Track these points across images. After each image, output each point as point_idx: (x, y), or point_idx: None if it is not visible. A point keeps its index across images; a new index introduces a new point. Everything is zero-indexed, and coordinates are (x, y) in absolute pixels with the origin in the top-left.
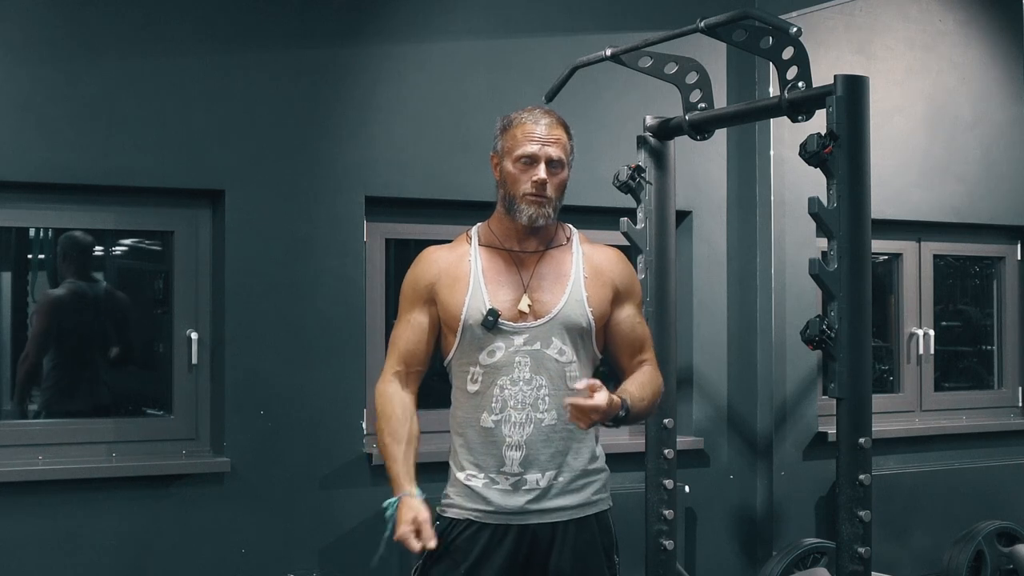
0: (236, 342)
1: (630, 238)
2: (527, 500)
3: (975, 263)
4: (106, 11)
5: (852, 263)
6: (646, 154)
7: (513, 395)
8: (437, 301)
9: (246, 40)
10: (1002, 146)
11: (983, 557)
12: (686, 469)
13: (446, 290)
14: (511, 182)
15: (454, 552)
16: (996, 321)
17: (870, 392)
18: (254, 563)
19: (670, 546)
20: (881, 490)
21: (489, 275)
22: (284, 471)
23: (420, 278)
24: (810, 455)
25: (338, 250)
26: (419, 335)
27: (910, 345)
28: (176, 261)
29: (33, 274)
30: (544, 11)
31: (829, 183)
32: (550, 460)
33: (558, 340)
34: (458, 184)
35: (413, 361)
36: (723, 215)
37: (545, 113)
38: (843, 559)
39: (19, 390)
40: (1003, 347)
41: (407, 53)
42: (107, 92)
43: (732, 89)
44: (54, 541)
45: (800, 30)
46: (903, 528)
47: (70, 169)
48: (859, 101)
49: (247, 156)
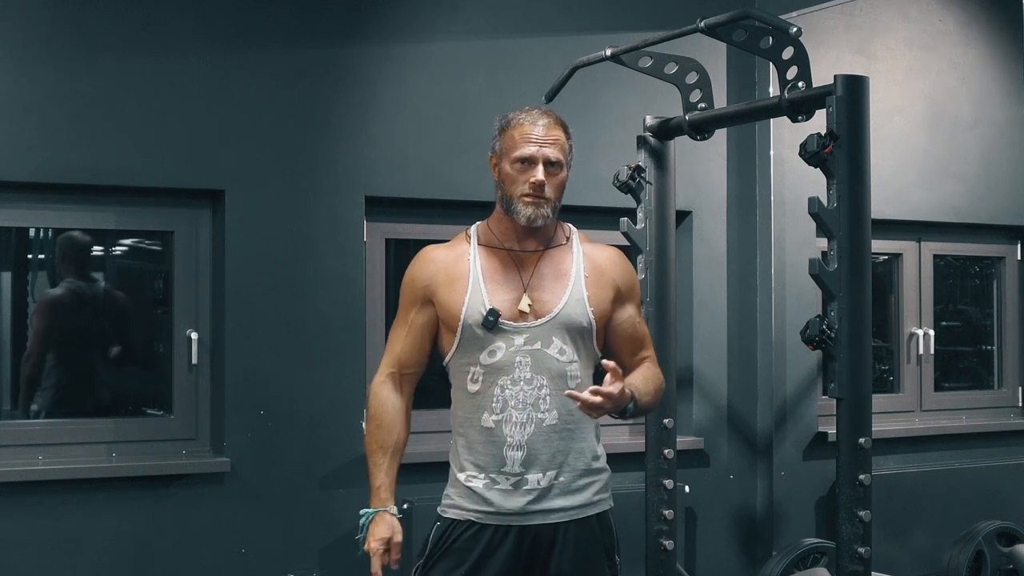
0: (236, 342)
1: (630, 238)
2: (528, 500)
3: (975, 263)
4: (106, 11)
5: (852, 263)
6: (646, 154)
7: (514, 395)
8: (435, 301)
9: (246, 40)
10: (1002, 146)
11: (983, 557)
12: (686, 469)
13: (444, 289)
14: (509, 183)
15: (455, 553)
16: (996, 321)
17: (870, 392)
18: (254, 563)
19: (670, 546)
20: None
21: (488, 274)
22: (284, 471)
23: (417, 278)
24: (810, 455)
25: (338, 250)
26: (416, 336)
27: (910, 345)
28: (176, 261)
29: (33, 274)
30: (544, 11)
31: (829, 183)
32: (551, 460)
33: (559, 340)
34: (458, 184)
35: (409, 363)
36: (723, 215)
37: (543, 114)
38: (843, 559)
39: (24, 387)
40: (1003, 347)
41: (407, 53)
42: (107, 92)
43: (732, 89)
44: (54, 541)
45: (800, 30)
46: (903, 528)
47: (70, 169)
48: (859, 101)
49: (247, 156)
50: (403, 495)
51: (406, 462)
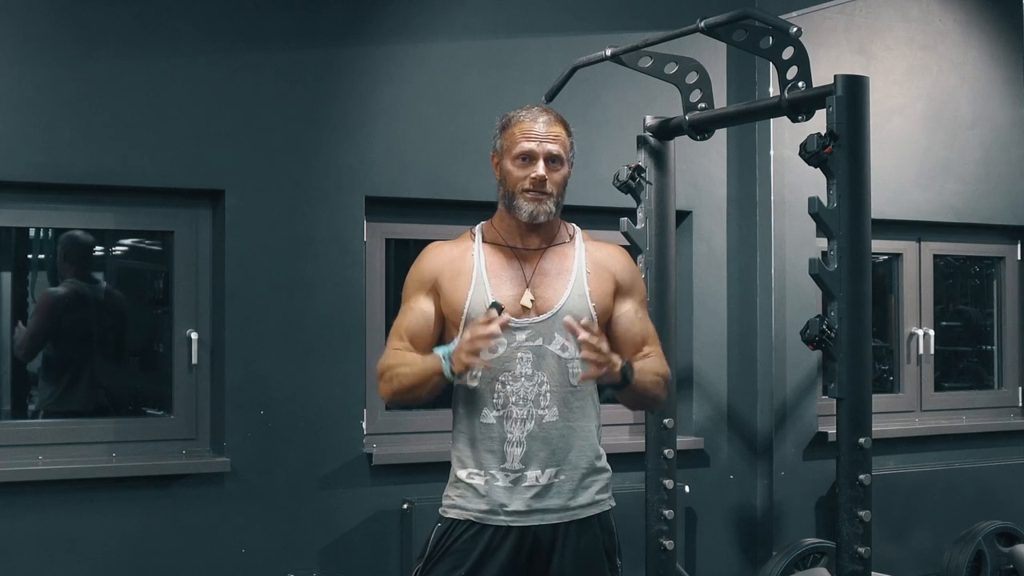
0: (236, 342)
1: (630, 238)
2: (528, 497)
3: (975, 263)
4: (106, 11)
5: (852, 263)
6: (646, 154)
7: (515, 391)
8: (440, 293)
9: (246, 40)
10: (1002, 146)
11: (983, 557)
12: (686, 469)
13: (449, 284)
14: (510, 180)
15: (455, 553)
16: (996, 321)
17: (870, 392)
18: (254, 563)
19: (670, 546)
20: (881, 490)
21: (492, 270)
22: (284, 471)
23: (424, 270)
24: (810, 455)
25: (338, 250)
26: (423, 320)
27: (910, 345)
28: (176, 261)
29: (33, 274)
30: (544, 11)
31: (829, 183)
32: (551, 457)
33: (560, 336)
34: (458, 184)
35: (418, 341)
36: (723, 215)
37: (544, 111)
38: (843, 559)
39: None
40: (1003, 347)
41: (407, 53)
42: (107, 92)
43: (732, 89)
44: (54, 541)
45: (800, 30)
46: (903, 528)
47: (70, 169)
48: (859, 101)
49: (247, 156)
50: (403, 495)
51: (406, 462)
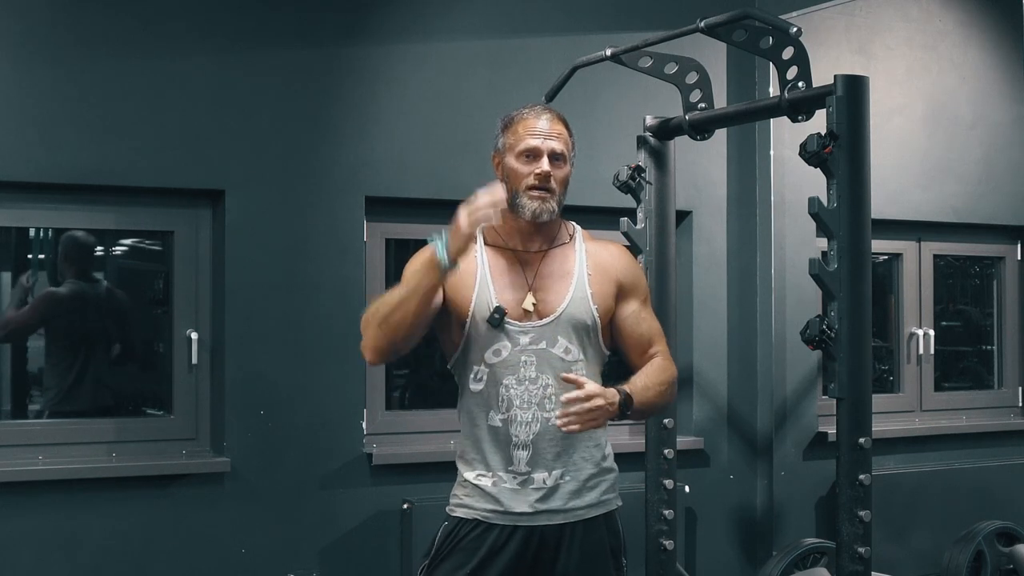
0: (236, 342)
1: (630, 238)
2: (535, 499)
3: (975, 263)
4: (105, 11)
5: (852, 263)
6: (646, 154)
7: (519, 394)
8: (445, 287)
9: (246, 40)
10: (1002, 146)
11: (983, 557)
12: (686, 469)
13: (454, 281)
14: (514, 177)
15: (461, 552)
16: (996, 321)
17: (870, 392)
18: (254, 563)
19: (670, 546)
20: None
21: (495, 273)
22: (284, 471)
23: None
24: (810, 455)
25: (338, 250)
26: None
27: (910, 345)
28: (176, 261)
29: (33, 274)
30: (544, 11)
31: (829, 183)
32: (556, 459)
33: (564, 339)
34: (458, 184)
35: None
36: (723, 215)
37: (546, 109)
38: (843, 559)
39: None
40: (1003, 347)
41: (407, 53)
42: (107, 92)
43: (732, 89)
44: (54, 541)
45: (800, 30)
46: (903, 528)
47: (70, 169)
48: (859, 101)
49: (247, 156)
50: (403, 495)
51: (406, 462)
